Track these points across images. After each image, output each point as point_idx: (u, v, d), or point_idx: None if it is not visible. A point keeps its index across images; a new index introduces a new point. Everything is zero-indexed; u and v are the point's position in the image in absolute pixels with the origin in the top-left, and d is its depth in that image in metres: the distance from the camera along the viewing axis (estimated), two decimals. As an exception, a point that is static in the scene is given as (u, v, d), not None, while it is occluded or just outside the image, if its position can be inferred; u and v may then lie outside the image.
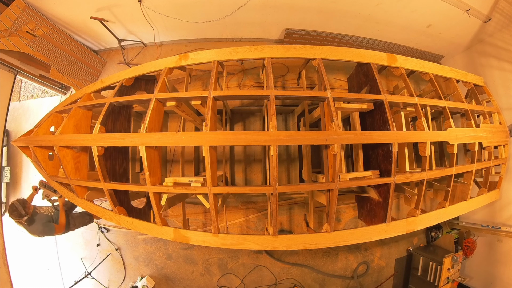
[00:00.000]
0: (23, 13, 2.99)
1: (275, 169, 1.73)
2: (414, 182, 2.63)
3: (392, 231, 2.05)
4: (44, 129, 2.25)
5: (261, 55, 2.12)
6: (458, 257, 3.70)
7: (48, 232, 2.70)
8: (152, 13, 3.35)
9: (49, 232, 2.70)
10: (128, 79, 2.31)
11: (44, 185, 2.72)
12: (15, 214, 2.48)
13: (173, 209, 3.74)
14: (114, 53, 4.32)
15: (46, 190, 2.74)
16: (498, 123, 2.84)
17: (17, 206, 2.48)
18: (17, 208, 2.48)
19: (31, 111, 4.58)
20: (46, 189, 2.73)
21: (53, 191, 2.73)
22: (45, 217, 2.73)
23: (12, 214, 2.48)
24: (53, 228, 2.71)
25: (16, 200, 2.53)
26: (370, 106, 2.24)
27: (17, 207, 2.48)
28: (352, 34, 4.05)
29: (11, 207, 2.48)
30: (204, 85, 4.00)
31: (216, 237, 1.90)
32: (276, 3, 3.34)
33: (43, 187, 2.73)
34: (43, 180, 2.66)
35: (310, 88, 3.79)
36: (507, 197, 3.39)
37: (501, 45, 3.58)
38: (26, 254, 4.22)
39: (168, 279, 3.93)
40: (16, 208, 2.48)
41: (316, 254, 4.01)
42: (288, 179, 3.78)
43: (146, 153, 1.83)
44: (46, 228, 2.67)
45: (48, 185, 2.68)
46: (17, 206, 2.48)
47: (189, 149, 3.53)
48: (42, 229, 2.65)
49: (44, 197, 2.80)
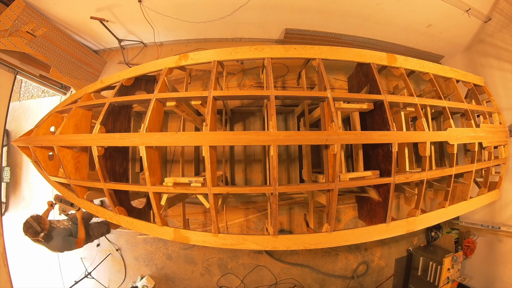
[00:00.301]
0: (23, 13, 2.99)
1: (275, 169, 1.73)
2: (414, 182, 2.63)
3: (392, 231, 2.05)
4: (44, 129, 2.25)
5: (261, 55, 2.12)
6: (458, 257, 3.70)
7: (68, 247, 2.56)
8: (152, 13, 3.35)
9: (69, 247, 2.57)
10: (128, 79, 2.31)
11: (60, 199, 2.61)
12: (31, 232, 2.32)
13: (173, 209, 3.74)
14: (114, 53, 4.32)
15: (63, 205, 2.62)
16: (498, 123, 2.84)
17: (31, 223, 2.33)
18: (31, 225, 2.32)
19: (31, 111, 4.58)
20: (62, 203, 2.61)
21: (70, 205, 2.60)
22: (63, 231, 2.58)
23: (28, 232, 2.32)
24: (73, 242, 2.58)
25: (30, 217, 2.39)
26: (370, 106, 2.24)
27: (31, 224, 2.33)
28: (352, 34, 4.05)
29: (25, 225, 2.32)
30: (204, 85, 4.00)
31: (216, 237, 1.90)
32: (276, 3, 3.34)
33: (59, 201, 2.62)
34: (58, 195, 2.55)
35: (310, 88, 3.79)
36: (507, 197, 3.39)
37: (501, 45, 3.58)
38: (26, 254, 4.22)
39: (168, 279, 3.93)
40: (31, 225, 2.32)
41: (316, 254, 4.01)
42: (288, 179, 3.77)
43: (146, 153, 1.82)
44: (66, 243, 2.53)
45: (64, 199, 2.57)
46: (31, 223, 2.33)
47: (189, 149, 3.53)
48: (61, 245, 2.51)
49: (61, 212, 2.69)
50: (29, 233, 2.32)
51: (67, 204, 2.60)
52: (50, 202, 2.67)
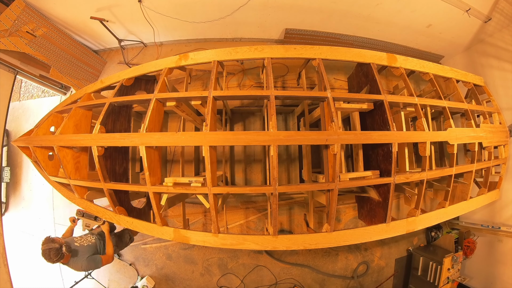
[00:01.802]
0: (23, 13, 2.99)
1: (275, 169, 1.73)
2: (414, 182, 2.63)
3: (392, 231, 2.05)
4: (44, 129, 2.25)
5: (261, 55, 2.13)
6: (458, 257, 3.70)
7: (94, 266, 2.37)
8: (152, 13, 3.35)
9: (94, 266, 2.38)
10: (128, 79, 2.31)
11: (82, 214, 2.47)
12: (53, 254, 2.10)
13: (173, 209, 3.73)
14: (114, 53, 4.32)
15: (86, 219, 2.47)
16: (498, 123, 2.84)
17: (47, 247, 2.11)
18: (49, 249, 2.11)
19: (31, 111, 4.58)
20: (85, 218, 2.46)
21: (94, 219, 2.46)
22: (87, 249, 2.38)
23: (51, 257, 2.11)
24: (99, 261, 2.38)
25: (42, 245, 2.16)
26: (370, 106, 2.24)
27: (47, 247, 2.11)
28: (352, 34, 4.05)
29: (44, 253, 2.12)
30: (204, 85, 4.00)
31: (216, 237, 1.90)
32: (276, 3, 3.34)
33: (81, 216, 2.47)
34: (80, 209, 2.41)
35: (310, 88, 3.79)
36: (507, 197, 3.39)
37: (501, 45, 3.58)
38: (26, 254, 4.22)
39: (168, 279, 3.93)
40: (49, 249, 2.10)
41: (316, 254, 4.01)
42: (288, 179, 3.77)
43: (146, 153, 1.83)
44: (91, 263, 2.33)
45: (86, 213, 2.44)
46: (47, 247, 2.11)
47: (189, 149, 3.53)
48: (87, 264, 2.32)
49: (85, 228, 2.52)
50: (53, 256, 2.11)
51: (91, 218, 2.46)
52: (72, 218, 2.52)
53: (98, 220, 2.47)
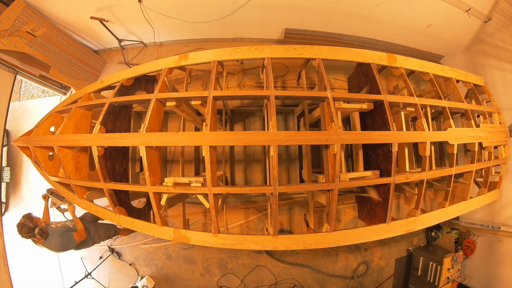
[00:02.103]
0: (23, 13, 2.99)
1: (275, 169, 1.73)
2: (414, 182, 2.63)
3: (392, 231, 2.05)
4: (44, 129, 2.25)
5: (261, 55, 2.13)
6: (458, 257, 3.70)
7: (68, 242, 2.45)
8: (152, 13, 3.35)
9: (69, 242, 2.45)
10: (128, 79, 2.31)
11: (51, 192, 2.53)
12: (25, 230, 2.25)
13: (173, 209, 3.73)
14: (114, 53, 4.32)
15: (53, 198, 2.54)
16: (498, 123, 2.84)
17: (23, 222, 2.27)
18: (24, 224, 2.26)
19: (31, 111, 4.58)
20: (53, 196, 2.53)
21: (61, 199, 2.52)
22: (61, 228, 2.48)
23: (22, 232, 2.27)
24: (71, 236, 2.46)
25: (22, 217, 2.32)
26: (370, 106, 2.24)
27: (23, 223, 2.27)
28: (352, 34, 4.05)
29: (18, 226, 2.27)
30: (204, 85, 4.00)
31: (216, 237, 1.90)
32: (276, 3, 3.34)
33: (50, 194, 2.54)
34: (50, 188, 2.50)
35: (310, 88, 3.79)
36: (507, 197, 3.39)
37: (501, 45, 3.58)
38: (26, 253, 4.22)
39: (168, 279, 3.93)
40: (23, 224, 2.26)
41: (316, 254, 4.01)
42: (288, 179, 3.77)
43: (146, 153, 1.83)
44: (64, 238, 2.42)
45: (55, 192, 2.50)
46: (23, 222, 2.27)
47: (189, 149, 3.53)
48: (60, 241, 2.40)
49: (52, 205, 2.61)
50: (23, 232, 2.27)
51: (58, 197, 2.53)
52: (43, 195, 2.59)
53: (64, 200, 2.52)
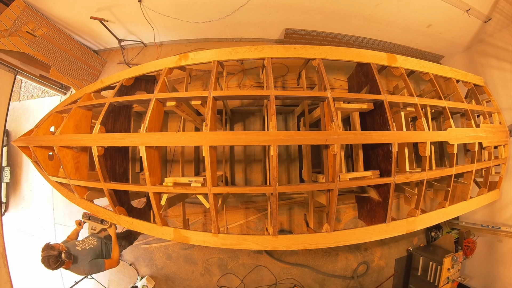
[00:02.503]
0: (23, 13, 2.98)
1: (275, 169, 1.73)
2: (414, 182, 2.63)
3: (392, 231, 2.05)
4: (44, 129, 2.25)
5: (261, 55, 2.13)
6: (458, 257, 3.70)
7: (96, 270, 2.31)
8: (152, 13, 3.35)
9: (97, 270, 2.31)
10: (128, 79, 2.31)
11: (88, 217, 2.41)
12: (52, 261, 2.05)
13: (173, 209, 3.73)
14: (114, 53, 4.32)
15: (92, 223, 2.41)
16: (498, 123, 2.84)
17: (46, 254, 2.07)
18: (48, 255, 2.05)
19: (31, 111, 4.58)
20: (91, 221, 2.41)
21: (100, 222, 2.40)
22: (89, 253, 2.30)
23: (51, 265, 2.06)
24: (102, 265, 2.30)
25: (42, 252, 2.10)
26: (370, 106, 2.24)
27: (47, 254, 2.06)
28: (352, 34, 4.04)
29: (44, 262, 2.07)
30: (204, 85, 4.00)
31: (216, 237, 1.90)
32: (276, 3, 3.34)
33: (88, 219, 2.42)
34: (86, 212, 2.36)
35: (310, 88, 3.79)
36: (507, 197, 3.39)
37: (501, 45, 3.58)
38: (26, 254, 4.22)
39: (168, 279, 3.93)
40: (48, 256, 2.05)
41: (316, 254, 4.01)
42: (288, 179, 3.77)
43: (146, 153, 1.83)
44: (94, 267, 2.27)
45: (93, 216, 2.38)
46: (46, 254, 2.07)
47: (189, 149, 3.53)
48: (89, 269, 2.26)
49: (91, 231, 2.46)
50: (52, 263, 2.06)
51: (97, 221, 2.41)
52: (78, 221, 2.46)
53: (105, 223, 2.42)
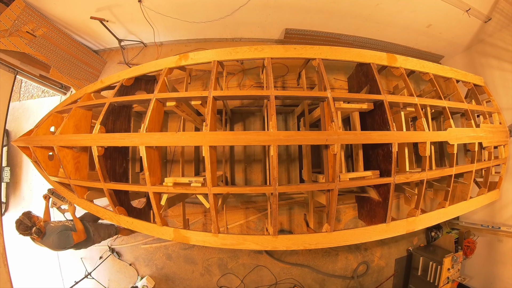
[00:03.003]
0: (23, 13, 2.98)
1: (275, 169, 1.73)
2: (414, 182, 2.63)
3: (392, 231, 2.05)
4: (44, 129, 2.25)
5: (261, 55, 2.12)
6: (458, 257, 3.70)
7: (66, 241, 2.45)
8: (152, 13, 3.35)
9: (66, 241, 2.46)
10: (128, 79, 2.31)
11: (52, 192, 2.53)
12: (22, 228, 2.30)
13: (173, 209, 3.73)
14: (114, 53, 4.32)
15: (54, 198, 2.54)
16: (498, 123, 2.84)
17: (22, 219, 2.32)
18: (22, 221, 2.31)
19: (31, 111, 4.58)
20: (54, 196, 2.54)
21: (61, 199, 2.52)
22: (59, 227, 2.49)
23: (19, 229, 2.31)
24: (70, 235, 2.47)
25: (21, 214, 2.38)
26: (370, 106, 2.24)
27: (22, 220, 2.32)
28: (352, 34, 4.05)
29: (17, 222, 2.32)
30: (204, 85, 4.00)
31: (216, 237, 1.90)
32: (276, 3, 3.34)
33: (51, 194, 2.54)
34: (51, 188, 2.51)
35: (310, 88, 3.79)
36: (507, 197, 3.39)
37: (501, 45, 3.58)
38: (26, 253, 4.22)
39: (168, 279, 3.93)
40: (21, 221, 2.31)
41: (316, 254, 4.01)
42: (288, 179, 3.77)
43: (146, 153, 1.83)
44: (62, 237, 2.43)
45: (55, 192, 2.50)
46: (22, 220, 2.32)
47: (189, 149, 3.53)
48: (57, 240, 2.42)
49: (53, 205, 2.60)
50: (20, 229, 2.30)
51: (59, 197, 2.54)
52: (44, 195, 2.59)
53: (65, 201, 2.52)
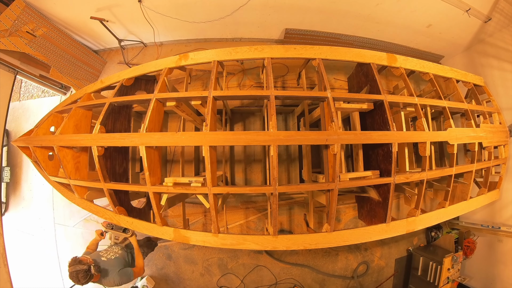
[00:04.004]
0: (23, 13, 2.98)
1: (275, 169, 1.73)
2: (414, 182, 2.63)
3: (392, 231, 2.05)
4: (44, 129, 2.25)
5: (261, 55, 2.12)
6: (458, 257, 3.70)
7: (127, 280, 2.25)
8: (152, 13, 3.35)
9: (127, 279, 2.25)
10: (128, 79, 2.31)
11: (111, 226, 2.36)
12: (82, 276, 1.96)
13: (173, 209, 3.73)
14: (114, 53, 4.32)
15: (114, 232, 2.37)
16: (498, 123, 2.84)
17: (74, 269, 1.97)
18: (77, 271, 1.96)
19: (31, 111, 4.58)
20: (114, 231, 2.37)
21: (123, 231, 2.36)
22: (116, 262, 2.26)
23: (80, 280, 1.97)
24: (131, 273, 2.27)
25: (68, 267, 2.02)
26: (370, 106, 2.24)
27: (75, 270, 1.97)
28: (352, 34, 4.05)
29: (72, 277, 1.98)
30: (204, 85, 4.00)
31: (216, 237, 1.90)
32: (276, 3, 3.34)
33: (111, 229, 2.37)
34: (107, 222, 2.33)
35: (310, 88, 3.79)
36: (507, 197, 3.39)
37: (501, 45, 3.58)
38: (26, 254, 4.22)
39: (168, 279, 3.93)
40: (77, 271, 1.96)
41: (316, 254, 4.01)
42: (288, 179, 3.77)
43: (146, 153, 1.82)
44: (124, 277, 2.21)
45: (115, 226, 2.34)
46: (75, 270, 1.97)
47: (189, 149, 3.53)
48: (119, 280, 2.19)
49: (114, 241, 2.43)
50: (81, 279, 1.97)
51: (119, 230, 2.37)
52: (99, 231, 2.41)
53: (127, 232, 2.39)
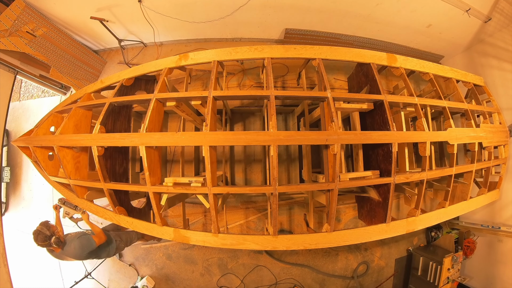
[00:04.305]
0: (23, 13, 2.98)
1: (275, 169, 1.73)
2: (414, 182, 2.63)
3: (392, 231, 2.05)
4: (44, 129, 2.25)
5: (261, 55, 2.12)
6: (458, 257, 3.70)
7: (88, 244, 2.36)
8: (152, 13, 3.35)
9: (88, 244, 2.36)
10: (128, 79, 2.31)
11: (63, 202, 2.45)
12: (41, 238, 2.15)
13: (173, 209, 3.73)
14: (114, 53, 4.32)
15: (66, 207, 2.46)
16: (498, 123, 2.84)
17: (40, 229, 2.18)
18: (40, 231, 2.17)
19: (31, 111, 4.58)
20: (65, 206, 2.46)
21: (74, 208, 2.44)
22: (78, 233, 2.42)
23: (38, 240, 2.17)
24: (91, 238, 2.39)
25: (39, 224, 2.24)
26: (370, 106, 2.24)
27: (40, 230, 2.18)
28: (352, 34, 4.05)
29: (35, 233, 2.18)
30: (204, 85, 4.00)
31: (216, 237, 1.90)
32: (276, 3, 3.34)
33: (63, 204, 2.46)
34: (62, 198, 2.45)
35: (310, 88, 3.79)
36: (507, 197, 3.39)
37: (501, 45, 3.58)
38: (26, 254, 4.22)
39: (168, 279, 3.93)
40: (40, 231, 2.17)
41: (316, 254, 4.01)
42: (288, 179, 3.77)
43: (146, 153, 1.83)
44: (84, 240, 2.34)
45: (67, 202, 2.43)
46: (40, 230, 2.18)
47: (189, 149, 3.53)
48: (79, 244, 2.32)
49: (65, 215, 2.51)
50: (39, 240, 2.16)
51: (71, 207, 2.47)
52: (54, 205, 2.53)
53: (78, 210, 2.46)
